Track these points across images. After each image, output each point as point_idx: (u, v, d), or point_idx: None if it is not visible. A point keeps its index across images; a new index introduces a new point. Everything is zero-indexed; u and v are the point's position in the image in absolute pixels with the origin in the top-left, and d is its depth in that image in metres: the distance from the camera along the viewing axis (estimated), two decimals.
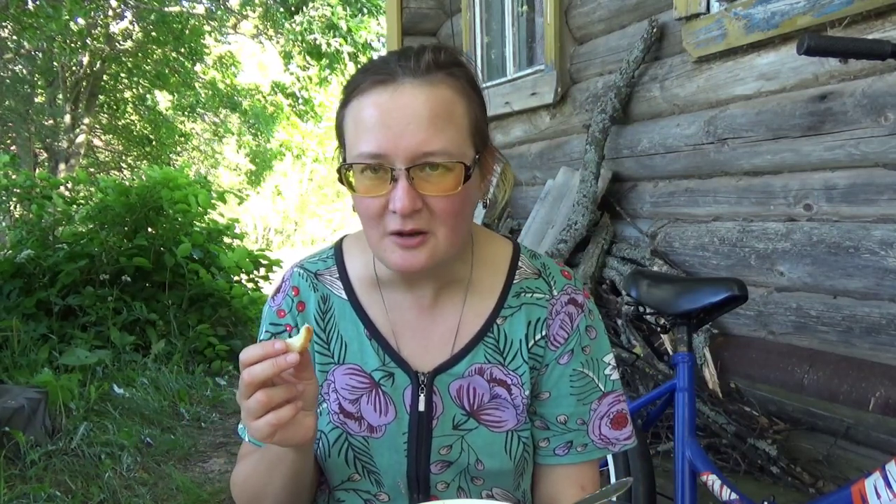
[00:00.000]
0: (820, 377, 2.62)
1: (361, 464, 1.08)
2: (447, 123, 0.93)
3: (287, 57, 13.75)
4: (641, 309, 1.99)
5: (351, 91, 0.96)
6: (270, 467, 1.00)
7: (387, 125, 0.91)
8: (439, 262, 0.97)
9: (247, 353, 0.86)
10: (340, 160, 0.99)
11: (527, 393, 1.06)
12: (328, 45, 12.24)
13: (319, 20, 12.10)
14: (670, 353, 3.07)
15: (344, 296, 1.09)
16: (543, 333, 1.06)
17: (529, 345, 1.06)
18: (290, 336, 1.08)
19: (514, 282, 1.08)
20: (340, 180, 0.96)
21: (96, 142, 15.46)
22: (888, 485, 1.35)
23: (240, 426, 1.11)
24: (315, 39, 12.22)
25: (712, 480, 1.73)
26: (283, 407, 0.86)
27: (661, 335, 3.13)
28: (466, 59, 1.01)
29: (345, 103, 0.97)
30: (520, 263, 1.10)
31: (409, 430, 1.06)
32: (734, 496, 1.68)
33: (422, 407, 1.05)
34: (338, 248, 1.13)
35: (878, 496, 1.36)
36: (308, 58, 13.00)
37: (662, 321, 1.93)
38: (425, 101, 0.92)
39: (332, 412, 1.08)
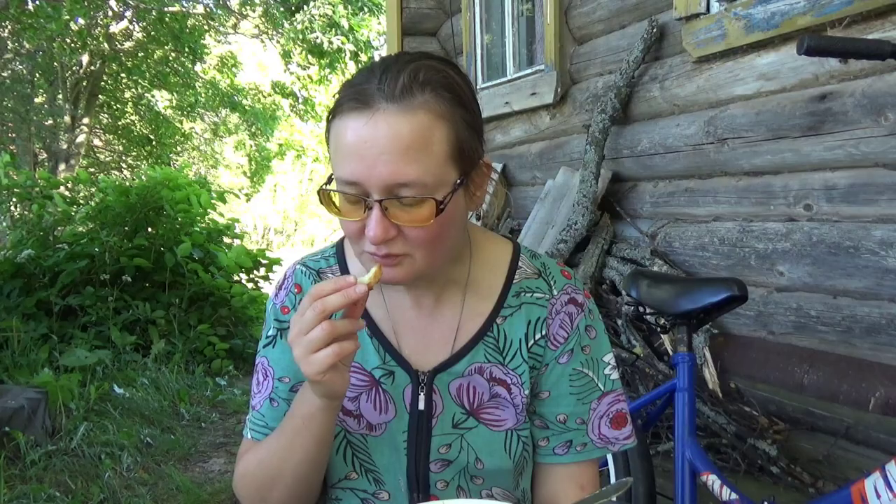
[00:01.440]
0: (820, 377, 2.62)
1: (359, 462, 1.08)
2: (422, 153, 0.90)
3: (287, 56, 13.74)
4: (641, 309, 1.99)
5: (335, 108, 0.95)
6: (293, 436, 0.99)
7: (361, 154, 0.90)
8: (420, 278, 0.98)
9: (318, 287, 0.89)
10: (331, 170, 0.99)
11: (526, 392, 1.06)
12: (329, 43, 12.24)
13: (321, 19, 12.10)
14: (670, 353, 3.07)
15: None
16: (543, 333, 1.07)
17: (529, 344, 1.06)
18: None
19: (514, 281, 1.08)
20: (321, 201, 0.97)
21: (96, 142, 15.49)
22: (888, 485, 1.35)
23: (245, 428, 1.11)
24: (316, 38, 12.21)
25: (712, 480, 1.73)
26: (346, 340, 0.89)
27: (661, 335, 3.13)
28: (456, 69, 0.97)
29: (330, 118, 0.96)
30: (520, 263, 1.10)
31: (409, 428, 1.06)
32: (734, 496, 1.68)
33: (422, 406, 1.05)
34: (339, 248, 1.13)
35: (878, 496, 1.36)
36: (309, 56, 13.00)
37: (662, 321, 1.93)
38: (400, 130, 0.89)
39: None
